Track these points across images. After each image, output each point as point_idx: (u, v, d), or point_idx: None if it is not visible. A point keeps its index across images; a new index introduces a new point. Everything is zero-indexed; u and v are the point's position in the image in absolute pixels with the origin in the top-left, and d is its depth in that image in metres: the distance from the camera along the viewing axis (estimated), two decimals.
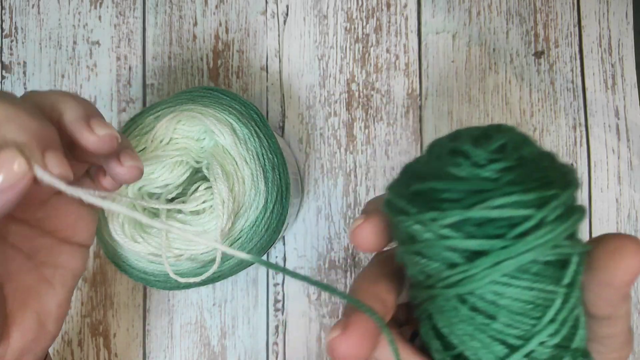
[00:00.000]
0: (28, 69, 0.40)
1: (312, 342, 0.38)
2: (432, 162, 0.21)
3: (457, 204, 0.18)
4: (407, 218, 0.19)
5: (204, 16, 0.40)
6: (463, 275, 0.19)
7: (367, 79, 0.40)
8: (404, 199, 0.20)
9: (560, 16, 0.41)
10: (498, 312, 0.19)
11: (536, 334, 0.19)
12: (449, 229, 0.18)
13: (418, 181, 0.20)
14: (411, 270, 0.21)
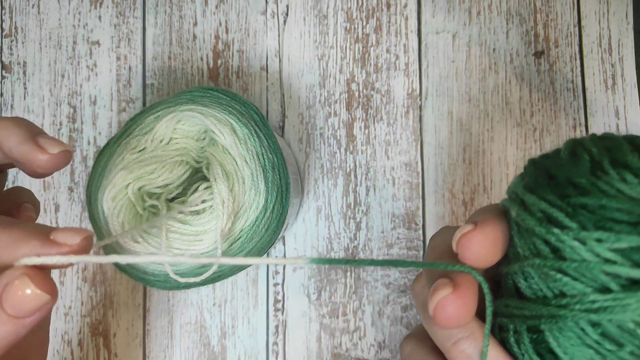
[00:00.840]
0: (28, 69, 0.40)
1: (312, 342, 0.38)
2: (584, 168, 0.19)
3: (632, 228, 0.17)
4: (563, 232, 0.18)
5: (204, 16, 0.40)
6: (615, 303, 0.17)
7: (367, 79, 0.40)
8: (559, 209, 0.18)
9: (560, 16, 0.41)
10: (629, 341, 0.18)
11: None
12: (616, 254, 0.17)
13: (577, 192, 0.18)
14: (530, 283, 0.20)
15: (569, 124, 0.40)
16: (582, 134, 0.40)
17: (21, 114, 0.40)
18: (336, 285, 0.39)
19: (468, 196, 0.39)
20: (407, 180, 0.39)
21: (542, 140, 0.40)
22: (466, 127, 0.40)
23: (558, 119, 0.40)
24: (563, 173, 0.19)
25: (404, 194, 0.39)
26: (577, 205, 0.18)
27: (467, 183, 0.40)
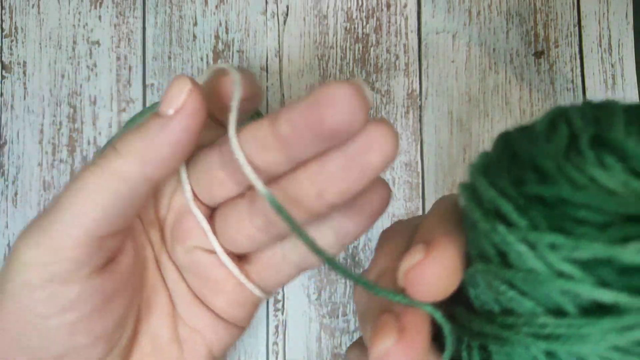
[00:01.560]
0: (28, 69, 0.40)
1: (312, 342, 0.38)
2: (558, 145, 0.14)
3: (599, 232, 0.12)
4: (509, 231, 0.13)
5: (204, 16, 0.40)
6: (570, 332, 0.13)
7: (367, 79, 0.40)
8: (509, 199, 0.14)
9: (560, 16, 0.41)
10: None
11: None
12: (575, 267, 0.12)
13: (537, 178, 0.13)
14: (478, 294, 0.15)
15: None
16: None
17: (21, 114, 0.40)
18: (336, 285, 0.39)
19: None
20: (407, 180, 0.39)
21: None
22: (466, 127, 0.40)
23: None
24: (528, 151, 0.14)
25: (403, 194, 0.39)
26: (531, 197, 0.13)
27: None
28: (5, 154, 0.39)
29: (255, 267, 0.20)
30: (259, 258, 0.20)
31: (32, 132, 0.39)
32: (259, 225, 0.18)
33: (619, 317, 0.12)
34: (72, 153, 0.39)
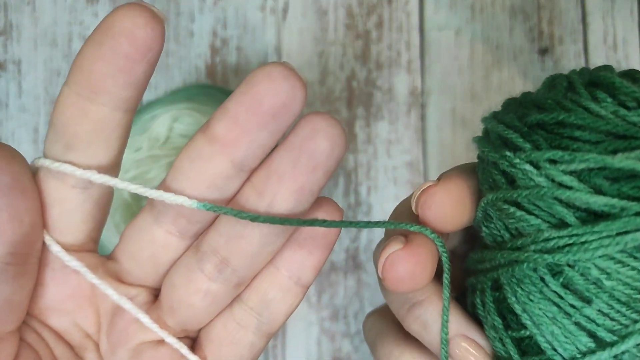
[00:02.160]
0: (23, 67, 0.40)
1: (312, 345, 0.38)
2: (558, 93, 0.16)
3: (592, 146, 0.14)
4: (515, 155, 0.15)
5: (202, 12, 0.40)
6: (571, 241, 0.14)
7: (368, 76, 0.40)
8: (514, 130, 0.16)
9: (564, 13, 0.41)
10: (596, 295, 0.15)
11: (636, 332, 0.14)
12: (573, 177, 0.14)
13: (539, 111, 0.16)
14: (490, 228, 0.17)
15: None
16: None
17: (16, 112, 0.39)
18: (336, 287, 0.38)
19: None
20: (410, 180, 0.39)
21: None
22: (470, 125, 0.40)
23: None
24: (532, 99, 0.17)
25: (406, 194, 0.39)
26: (533, 124, 0.16)
27: None
28: None
29: (211, 350, 0.17)
30: (211, 338, 0.17)
31: (27, 131, 0.39)
32: (212, 273, 0.16)
33: (613, 221, 0.14)
34: None
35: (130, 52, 0.13)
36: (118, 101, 0.14)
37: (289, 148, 0.14)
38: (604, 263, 0.14)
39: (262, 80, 0.13)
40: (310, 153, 0.14)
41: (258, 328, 0.17)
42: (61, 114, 0.14)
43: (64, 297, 0.15)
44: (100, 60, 0.13)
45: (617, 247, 0.14)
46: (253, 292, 0.17)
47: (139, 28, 0.13)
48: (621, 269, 0.14)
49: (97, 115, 0.14)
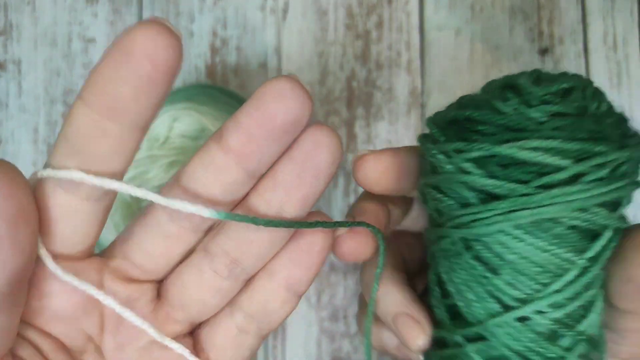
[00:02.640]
0: (23, 67, 0.40)
1: (312, 345, 0.38)
2: (482, 94, 0.20)
3: (488, 138, 0.17)
4: (433, 147, 0.19)
5: (201, 12, 0.40)
6: (473, 217, 0.17)
7: (368, 76, 0.40)
8: (437, 126, 0.20)
9: (564, 13, 0.41)
10: (502, 267, 0.17)
11: (536, 300, 0.17)
12: (472, 164, 0.17)
13: (457, 107, 0.20)
14: (428, 207, 0.20)
15: None
16: None
17: (16, 112, 0.39)
18: (336, 288, 0.38)
19: None
20: None
21: None
22: None
23: None
24: (465, 99, 0.20)
25: None
26: (450, 121, 0.19)
27: None
28: None
29: (216, 354, 0.18)
30: (215, 341, 0.18)
31: (27, 131, 0.39)
32: (222, 270, 0.17)
33: (502, 201, 0.17)
34: None
35: (152, 74, 0.13)
36: (138, 120, 0.14)
37: (293, 161, 0.16)
38: (503, 238, 0.17)
39: (274, 98, 0.14)
40: (314, 166, 0.16)
41: (257, 333, 0.19)
42: (77, 131, 0.14)
43: (71, 305, 0.16)
44: (122, 82, 0.13)
45: (509, 223, 0.16)
46: (254, 302, 0.18)
47: (161, 49, 0.13)
48: (519, 244, 0.17)
49: (116, 133, 0.14)
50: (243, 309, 0.18)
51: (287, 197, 0.16)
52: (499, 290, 0.18)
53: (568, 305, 0.17)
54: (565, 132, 0.16)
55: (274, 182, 0.16)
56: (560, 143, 0.16)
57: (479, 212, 0.17)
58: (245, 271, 0.17)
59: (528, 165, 0.16)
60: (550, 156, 0.16)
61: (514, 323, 0.17)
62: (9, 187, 0.13)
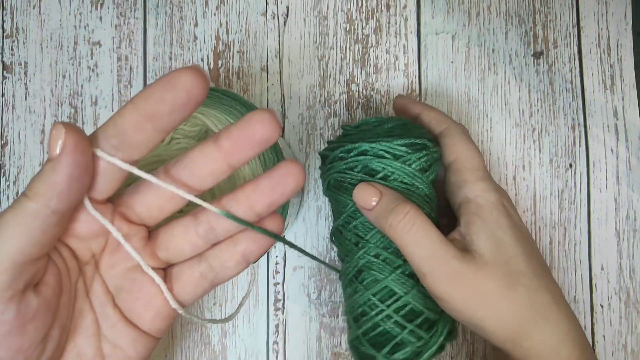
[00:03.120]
0: (29, 70, 0.40)
1: (312, 341, 0.38)
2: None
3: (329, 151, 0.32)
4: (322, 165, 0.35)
5: (205, 17, 0.40)
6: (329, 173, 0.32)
7: (366, 80, 0.40)
8: (329, 150, 0.33)
9: (559, 17, 0.41)
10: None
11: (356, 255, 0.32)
12: (328, 164, 0.33)
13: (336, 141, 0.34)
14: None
15: (568, 124, 0.40)
16: (580, 134, 0.40)
17: (22, 114, 0.40)
18: (336, 284, 0.39)
19: None
20: None
21: (541, 140, 0.40)
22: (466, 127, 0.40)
23: (557, 119, 0.40)
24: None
25: None
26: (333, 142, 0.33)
27: None
28: (6, 154, 0.39)
29: (177, 286, 0.24)
30: (181, 278, 0.24)
31: (34, 132, 0.39)
32: (202, 233, 0.24)
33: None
34: None
35: (185, 102, 0.20)
36: (167, 127, 0.21)
37: (271, 178, 0.23)
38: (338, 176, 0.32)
39: (257, 122, 0.21)
40: (283, 186, 0.23)
41: (212, 281, 0.25)
42: (124, 122, 0.20)
43: (89, 231, 0.22)
44: (163, 102, 0.20)
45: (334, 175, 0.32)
46: (217, 258, 0.24)
47: (195, 87, 0.19)
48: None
49: (149, 132, 0.20)
50: (208, 261, 0.24)
51: (260, 199, 0.23)
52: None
53: None
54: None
55: (255, 187, 0.23)
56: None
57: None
58: (216, 237, 0.24)
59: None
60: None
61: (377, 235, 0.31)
62: (85, 145, 0.19)
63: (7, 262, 0.19)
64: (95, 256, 0.23)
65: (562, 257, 0.39)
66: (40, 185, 0.19)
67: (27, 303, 0.20)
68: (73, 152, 0.19)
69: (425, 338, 0.29)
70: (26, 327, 0.20)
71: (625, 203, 0.40)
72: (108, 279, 0.24)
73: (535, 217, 0.40)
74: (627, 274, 0.39)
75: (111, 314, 0.23)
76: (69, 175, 0.19)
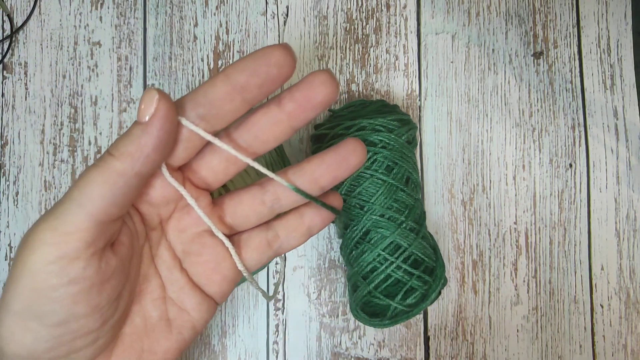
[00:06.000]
0: (29, 70, 0.40)
1: (312, 341, 0.38)
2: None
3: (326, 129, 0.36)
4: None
5: (205, 17, 0.40)
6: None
7: (366, 80, 0.40)
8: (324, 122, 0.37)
9: (559, 17, 0.41)
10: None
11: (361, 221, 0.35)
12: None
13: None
14: None
15: (568, 124, 0.40)
16: (580, 134, 0.40)
17: (22, 114, 0.40)
18: (336, 284, 0.39)
19: (467, 196, 0.40)
20: None
21: (541, 140, 0.40)
22: (465, 127, 0.40)
23: (557, 119, 0.40)
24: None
25: None
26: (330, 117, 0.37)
27: (466, 183, 0.40)
28: (6, 154, 0.39)
29: (245, 251, 0.25)
30: (249, 244, 0.25)
31: (34, 132, 0.39)
32: (268, 202, 0.24)
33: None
34: (73, 153, 0.39)
35: (275, 76, 0.20)
36: (254, 99, 0.21)
37: (337, 154, 0.23)
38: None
39: (319, 83, 0.21)
40: (347, 162, 0.23)
41: (277, 249, 0.25)
42: (213, 92, 0.21)
43: (161, 196, 0.23)
44: (257, 75, 0.20)
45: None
46: (283, 228, 0.25)
47: (285, 63, 0.20)
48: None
49: (237, 103, 0.21)
50: (275, 230, 0.25)
51: (325, 173, 0.24)
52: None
53: None
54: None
55: (321, 161, 0.24)
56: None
57: None
58: (280, 208, 0.25)
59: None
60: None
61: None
62: (174, 114, 0.20)
63: (91, 220, 0.19)
64: (162, 222, 0.24)
65: (562, 258, 0.39)
66: (128, 146, 0.20)
67: (107, 261, 0.21)
68: (163, 119, 0.20)
69: (429, 281, 0.33)
70: (105, 285, 0.21)
71: (625, 203, 0.40)
72: (176, 244, 0.24)
73: (535, 217, 0.40)
74: (627, 275, 0.39)
75: (178, 277, 0.24)
76: (157, 140, 0.20)
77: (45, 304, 0.20)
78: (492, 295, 0.39)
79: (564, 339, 0.39)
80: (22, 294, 0.19)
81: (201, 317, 0.24)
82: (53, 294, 0.19)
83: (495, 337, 0.39)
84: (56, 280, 0.19)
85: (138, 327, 0.23)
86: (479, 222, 0.40)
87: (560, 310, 0.39)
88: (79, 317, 0.20)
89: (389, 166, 0.34)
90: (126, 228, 0.22)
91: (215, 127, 0.22)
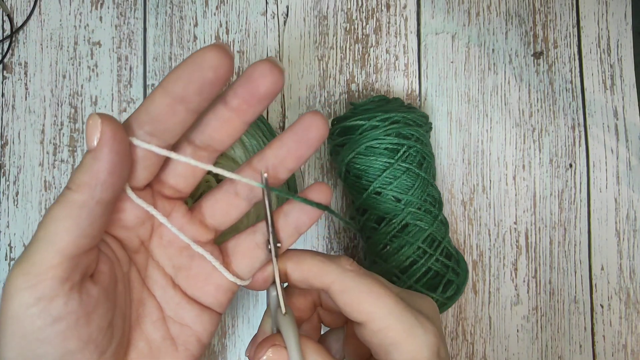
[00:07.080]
0: (29, 70, 0.40)
1: None
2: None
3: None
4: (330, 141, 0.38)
5: (205, 17, 0.40)
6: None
7: (366, 80, 0.40)
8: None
9: (559, 17, 0.41)
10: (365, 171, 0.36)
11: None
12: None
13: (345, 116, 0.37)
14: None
15: (568, 124, 0.40)
16: (580, 134, 0.40)
17: (22, 114, 0.40)
18: None
19: (467, 196, 0.40)
20: None
21: (541, 140, 0.40)
22: (465, 127, 0.40)
23: (557, 119, 0.40)
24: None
25: None
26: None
27: (466, 183, 0.40)
28: (6, 154, 0.39)
29: (236, 258, 0.25)
30: (238, 250, 0.25)
31: (34, 132, 0.39)
32: (242, 194, 0.24)
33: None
34: (73, 153, 0.39)
35: (212, 79, 0.19)
36: (197, 107, 0.20)
37: (294, 133, 0.22)
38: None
39: (258, 76, 0.20)
40: (307, 138, 0.23)
41: (267, 253, 0.25)
42: (155, 108, 0.20)
43: (134, 218, 0.22)
44: (192, 81, 0.19)
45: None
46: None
47: (221, 65, 0.19)
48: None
49: (181, 114, 0.20)
50: (262, 233, 0.25)
51: (288, 154, 0.23)
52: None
53: None
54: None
55: (281, 144, 0.23)
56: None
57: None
58: (256, 197, 0.24)
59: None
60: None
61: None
62: (122, 134, 0.20)
63: (60, 256, 0.19)
64: (144, 243, 0.24)
65: (562, 258, 0.39)
66: (82, 177, 0.19)
67: (87, 292, 0.20)
68: (111, 141, 0.19)
69: (462, 274, 0.34)
70: (91, 316, 0.20)
71: (625, 203, 0.40)
72: (164, 262, 0.24)
73: (535, 217, 0.40)
74: (627, 275, 0.39)
75: (173, 294, 0.24)
76: (110, 163, 0.19)
77: (37, 348, 0.20)
78: (492, 296, 0.39)
79: (564, 339, 0.39)
80: (13, 342, 0.19)
81: (204, 329, 0.24)
82: (41, 336, 0.19)
83: (495, 337, 0.39)
84: (40, 321, 0.19)
85: (143, 352, 0.23)
86: (479, 222, 0.40)
87: (560, 310, 0.39)
88: (73, 353, 0.20)
89: (419, 161, 0.34)
90: (104, 256, 0.22)
91: (168, 140, 0.21)
